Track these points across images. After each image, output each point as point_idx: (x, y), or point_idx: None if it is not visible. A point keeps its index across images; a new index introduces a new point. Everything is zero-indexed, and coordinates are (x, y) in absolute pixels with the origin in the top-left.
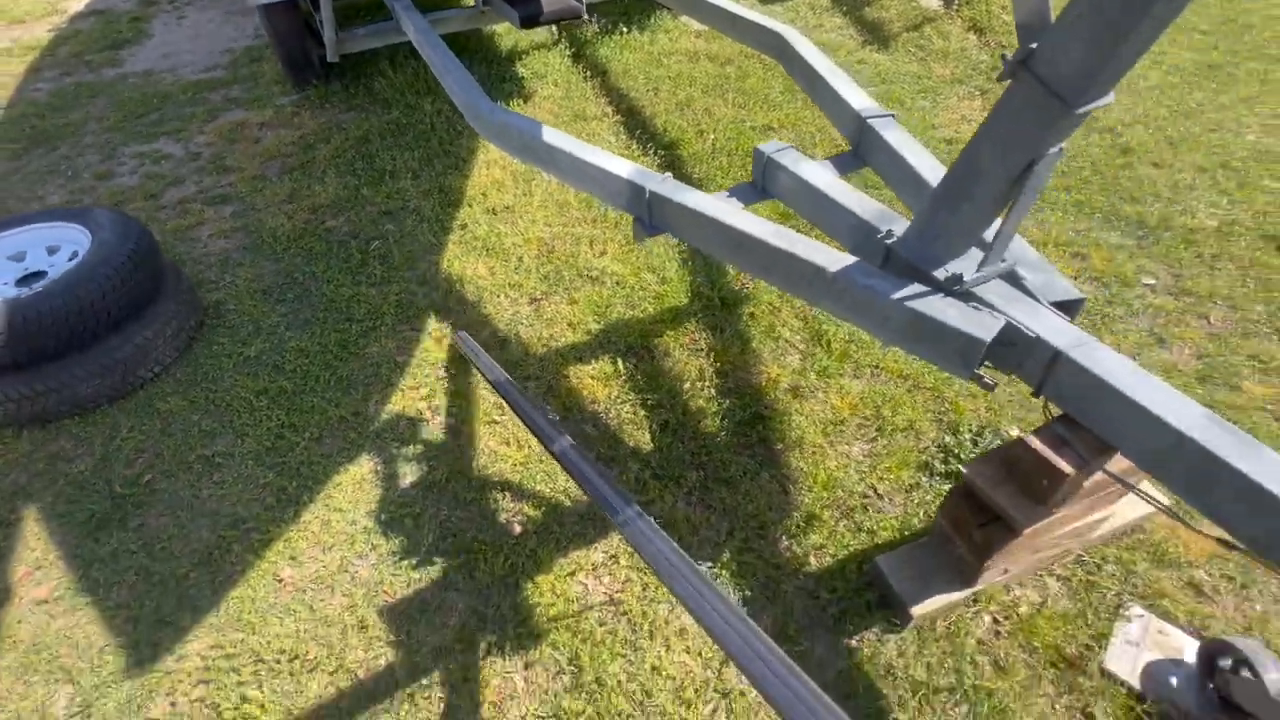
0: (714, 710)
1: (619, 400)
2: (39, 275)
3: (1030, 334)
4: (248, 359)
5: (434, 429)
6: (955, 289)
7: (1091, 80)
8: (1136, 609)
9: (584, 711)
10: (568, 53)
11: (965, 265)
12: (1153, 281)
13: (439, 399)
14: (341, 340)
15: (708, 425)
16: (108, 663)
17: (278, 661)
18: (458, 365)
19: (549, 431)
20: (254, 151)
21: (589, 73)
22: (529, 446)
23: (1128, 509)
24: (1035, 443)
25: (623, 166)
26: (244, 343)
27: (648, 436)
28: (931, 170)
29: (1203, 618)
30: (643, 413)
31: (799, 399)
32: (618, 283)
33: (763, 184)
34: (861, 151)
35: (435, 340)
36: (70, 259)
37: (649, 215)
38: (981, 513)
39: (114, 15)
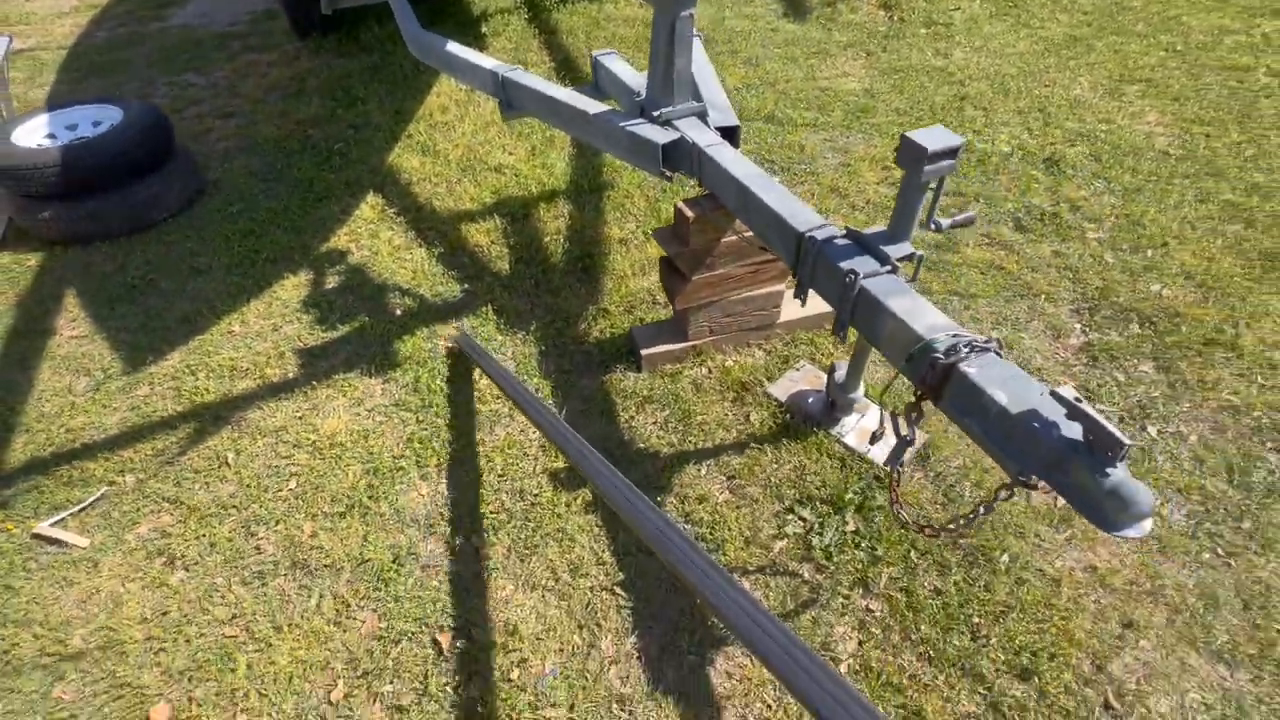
0: None
1: (493, 245)
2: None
3: (689, 141)
4: (231, 214)
5: (356, 257)
6: (657, 119)
7: None
8: (806, 364)
9: (416, 404)
10: (525, 16)
11: (671, 108)
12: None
13: (364, 240)
14: (301, 204)
15: (553, 260)
16: (114, 366)
17: (221, 370)
18: (381, 221)
19: (556, 426)
20: (260, 83)
21: (538, 31)
22: (423, 269)
23: (814, 305)
24: (679, 204)
25: (489, 62)
26: (230, 204)
27: (506, 266)
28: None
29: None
30: (507, 252)
31: (625, 248)
32: (515, 174)
33: (596, 83)
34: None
35: (370, 208)
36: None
37: (506, 96)
38: (673, 271)
39: None
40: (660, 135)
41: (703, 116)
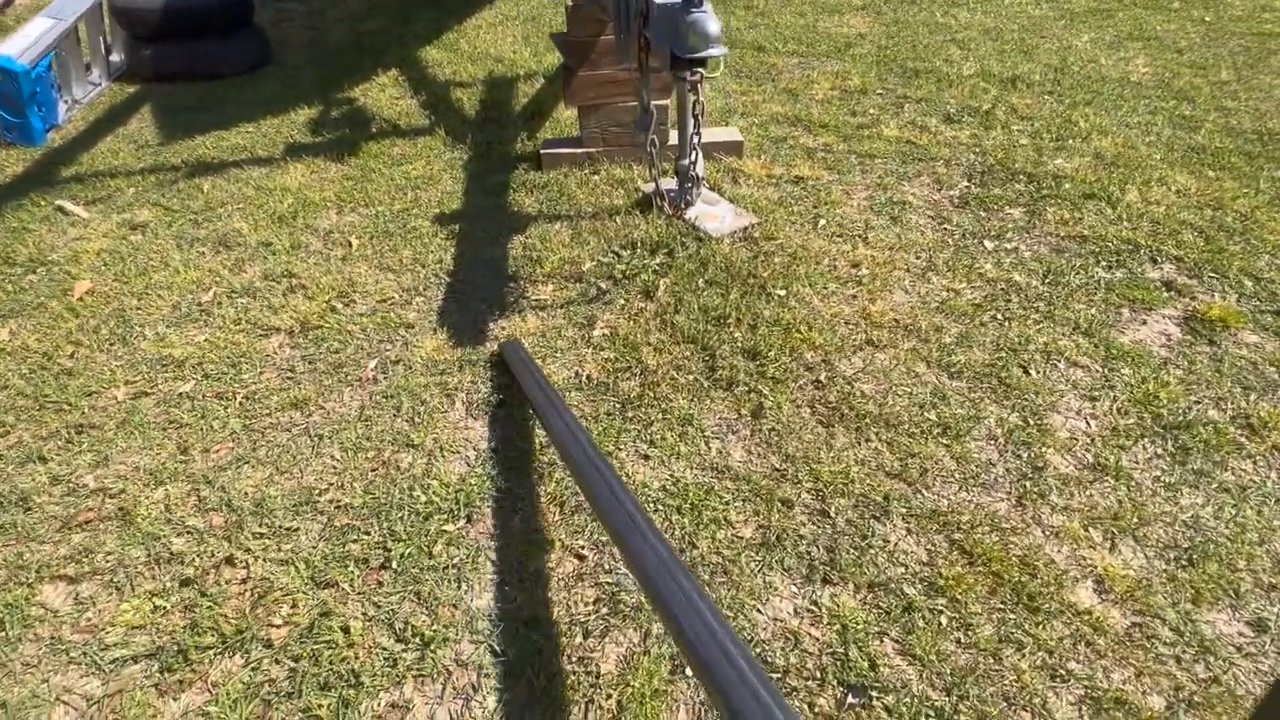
0: None
1: (468, 101)
2: None
3: None
4: (281, 77)
5: (361, 102)
6: None
7: None
8: (662, 181)
9: (355, 175)
10: None
11: None
12: (879, 94)
13: (373, 93)
14: (336, 75)
15: (507, 111)
16: (155, 140)
17: (225, 147)
18: (392, 85)
19: (591, 460)
20: (342, 10)
21: None
22: (406, 110)
23: (709, 134)
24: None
25: None
26: (284, 71)
27: (471, 113)
28: None
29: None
30: (477, 106)
31: (557, 105)
32: (510, 63)
33: None
34: None
35: (388, 79)
36: None
37: None
38: (566, 71)
39: None
40: None
41: None
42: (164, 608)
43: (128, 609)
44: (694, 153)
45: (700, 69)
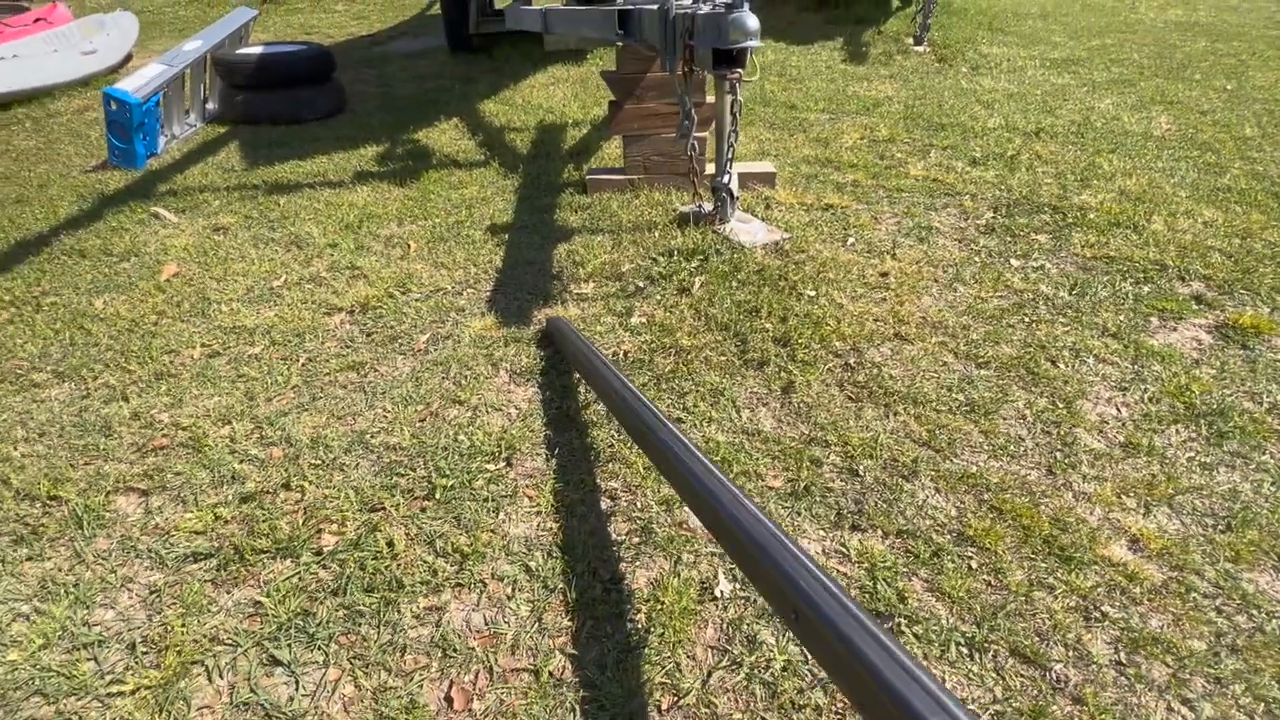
0: None
1: (519, 142)
2: None
3: (635, 12)
4: (356, 124)
5: (423, 142)
6: (623, 6)
7: None
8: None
9: (416, 197)
10: None
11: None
12: (905, 143)
13: (433, 135)
14: (402, 122)
15: (555, 149)
16: (240, 166)
17: (300, 172)
18: (454, 130)
19: (649, 421)
20: (412, 74)
21: None
22: (463, 147)
23: (743, 166)
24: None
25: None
26: (357, 118)
27: (523, 150)
28: None
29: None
30: (529, 145)
31: (612, 146)
32: (558, 112)
33: None
34: None
35: (450, 124)
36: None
37: (546, 24)
38: (613, 106)
39: None
40: (618, 9)
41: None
42: (224, 518)
43: (191, 518)
44: (729, 161)
45: (740, 68)
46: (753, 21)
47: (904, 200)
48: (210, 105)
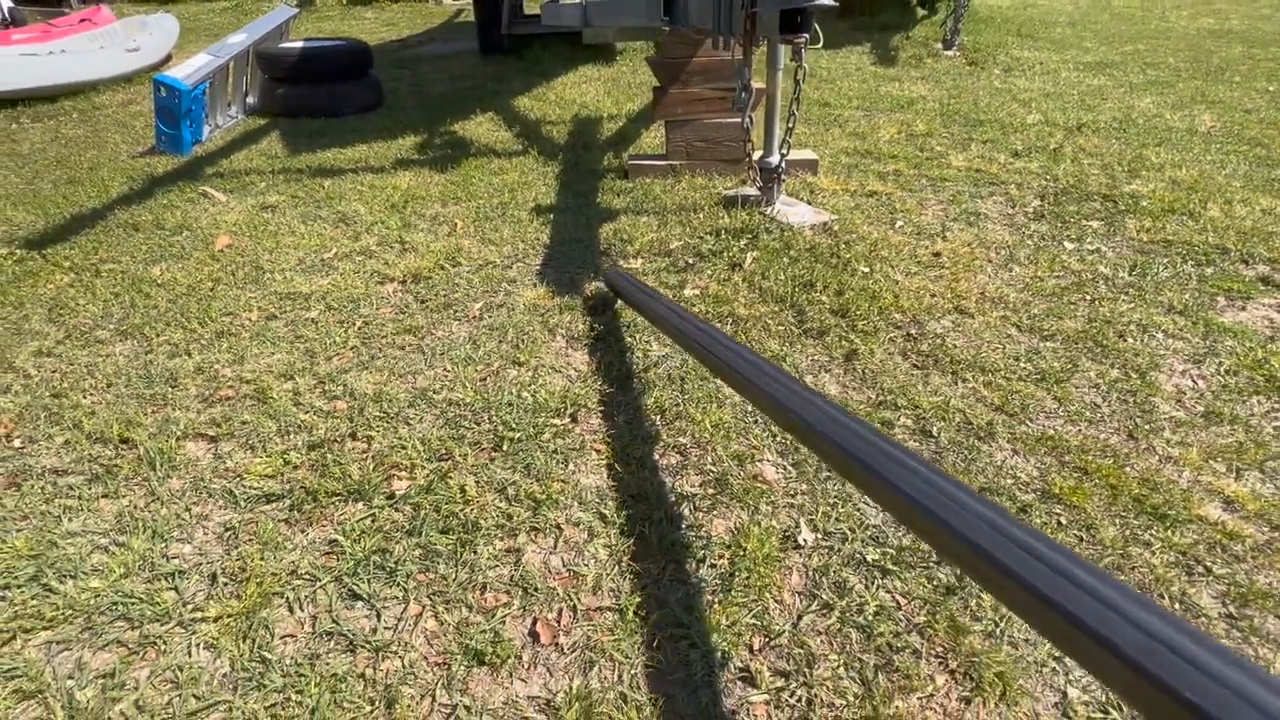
0: None
1: (555, 132)
2: None
3: None
4: (391, 116)
5: (460, 132)
6: None
7: None
8: (743, 189)
9: (456, 186)
10: None
11: None
12: (944, 137)
13: (470, 127)
14: (438, 115)
15: (593, 139)
16: (282, 155)
17: (340, 160)
18: (489, 122)
19: (725, 356)
20: (445, 73)
21: None
22: (499, 137)
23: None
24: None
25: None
26: (393, 112)
27: (561, 141)
28: None
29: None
30: (566, 135)
31: (650, 134)
32: (592, 105)
33: None
34: None
35: (486, 118)
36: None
37: (586, 18)
38: (658, 90)
39: None
40: None
41: None
42: (294, 463)
43: (261, 463)
44: (785, 142)
45: (806, 33)
46: None
47: (948, 189)
48: (251, 99)
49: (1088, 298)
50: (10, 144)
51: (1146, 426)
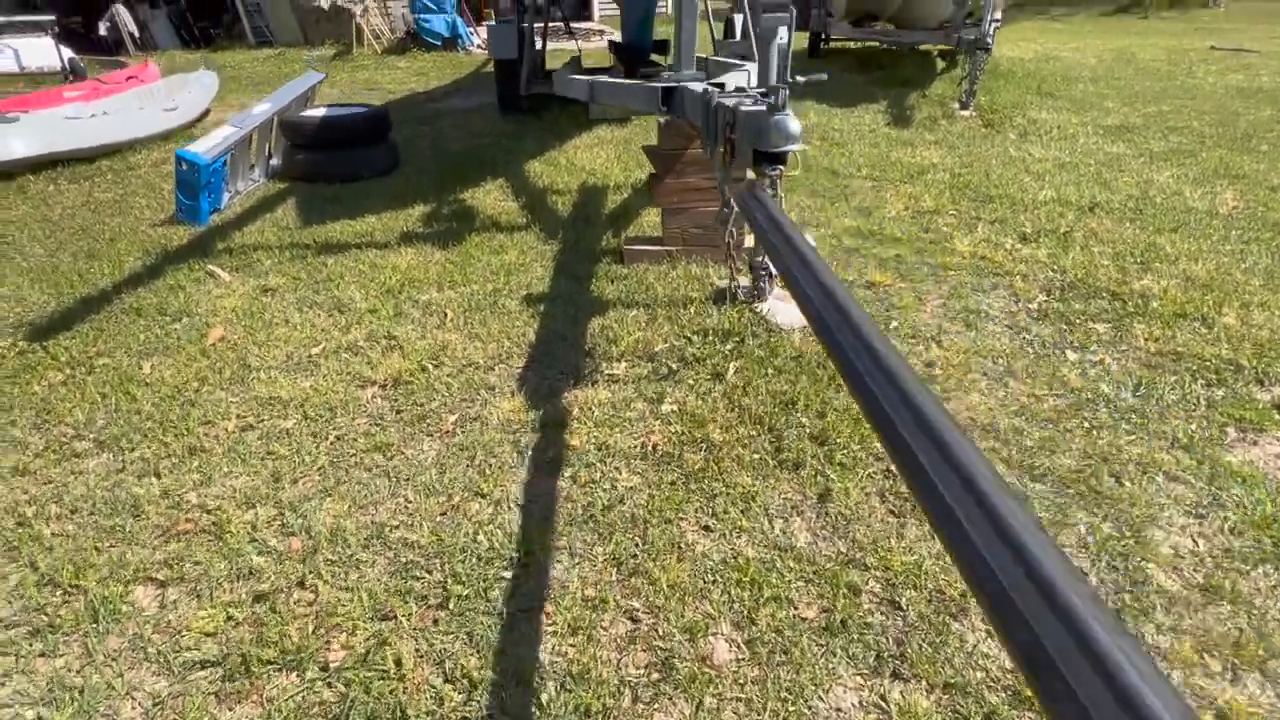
0: None
1: (560, 204)
2: None
3: (678, 89)
4: (405, 180)
5: (469, 202)
6: (667, 83)
7: None
8: (739, 278)
9: (455, 261)
10: None
11: (677, 74)
12: (951, 215)
13: (479, 196)
14: (451, 183)
15: (595, 213)
16: (296, 224)
17: (348, 231)
18: (499, 190)
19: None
20: (463, 130)
21: None
22: (504, 208)
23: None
24: (660, 120)
25: (585, 78)
26: (408, 175)
27: (564, 214)
28: None
29: None
30: (571, 208)
31: (650, 212)
32: (600, 174)
33: None
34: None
35: (495, 185)
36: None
37: (591, 93)
38: (654, 178)
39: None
40: (660, 86)
41: (714, 85)
42: (236, 619)
43: (204, 616)
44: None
45: (781, 165)
46: (795, 125)
47: (950, 279)
48: (273, 161)
49: (1086, 424)
50: (45, 208)
51: (1137, 605)
